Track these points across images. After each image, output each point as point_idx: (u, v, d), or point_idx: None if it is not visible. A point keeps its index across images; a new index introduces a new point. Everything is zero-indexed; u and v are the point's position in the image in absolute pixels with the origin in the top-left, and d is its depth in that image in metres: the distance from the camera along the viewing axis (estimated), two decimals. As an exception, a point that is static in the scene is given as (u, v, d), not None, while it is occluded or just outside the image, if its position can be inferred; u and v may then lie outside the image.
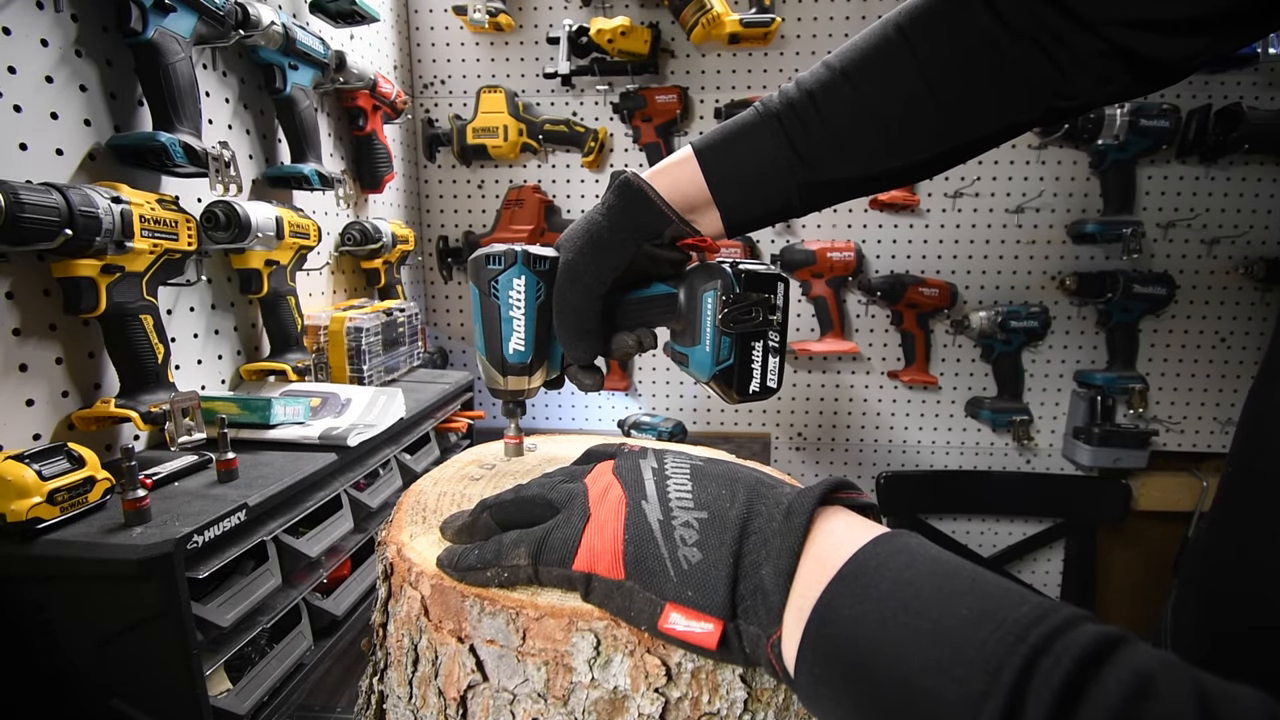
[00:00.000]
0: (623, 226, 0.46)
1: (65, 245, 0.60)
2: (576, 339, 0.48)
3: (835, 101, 0.45)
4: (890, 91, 0.44)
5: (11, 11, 0.63)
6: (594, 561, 0.34)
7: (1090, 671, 0.22)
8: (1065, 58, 0.41)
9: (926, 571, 0.27)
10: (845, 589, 0.28)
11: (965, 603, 0.26)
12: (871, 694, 0.26)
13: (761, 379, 0.49)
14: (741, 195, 0.47)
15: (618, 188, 0.46)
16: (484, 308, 0.48)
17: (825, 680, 0.28)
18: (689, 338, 0.48)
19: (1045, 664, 0.22)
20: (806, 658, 0.28)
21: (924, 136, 0.45)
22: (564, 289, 0.47)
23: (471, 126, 1.51)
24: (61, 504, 0.55)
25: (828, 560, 0.29)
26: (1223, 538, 0.43)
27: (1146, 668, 0.22)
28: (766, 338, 0.48)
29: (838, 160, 0.46)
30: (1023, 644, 0.23)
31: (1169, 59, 0.40)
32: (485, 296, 0.48)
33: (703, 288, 0.47)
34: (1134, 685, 0.21)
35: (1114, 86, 0.42)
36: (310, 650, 0.74)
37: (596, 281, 0.46)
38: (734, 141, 0.47)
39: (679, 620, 0.31)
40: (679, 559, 0.32)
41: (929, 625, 0.25)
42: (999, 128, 0.45)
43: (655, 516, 0.34)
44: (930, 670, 0.24)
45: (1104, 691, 0.21)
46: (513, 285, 0.47)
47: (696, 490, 0.35)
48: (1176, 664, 0.22)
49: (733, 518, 0.33)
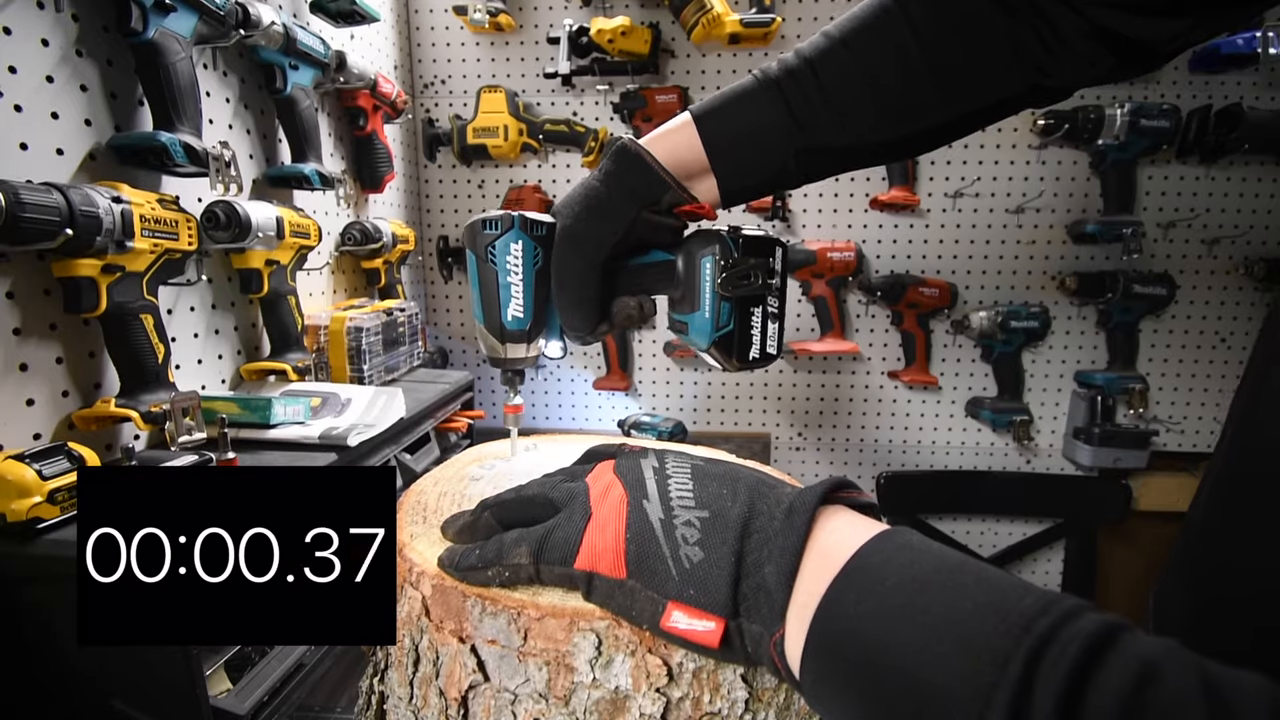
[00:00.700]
0: (621, 192, 0.46)
1: (66, 245, 0.60)
2: (575, 306, 0.47)
3: (833, 68, 0.45)
4: (886, 59, 0.45)
5: (12, 11, 0.63)
6: (596, 560, 0.34)
7: (1096, 659, 0.22)
8: (1051, 36, 0.42)
9: (930, 567, 0.27)
10: (850, 586, 0.28)
11: (970, 597, 0.26)
12: (878, 690, 0.26)
13: (761, 345, 0.48)
14: (738, 162, 0.47)
15: (615, 154, 0.46)
16: (481, 274, 0.47)
17: (830, 677, 0.28)
18: (688, 304, 0.48)
19: (1051, 654, 0.22)
20: (811, 655, 0.28)
21: (918, 107, 0.46)
22: (563, 254, 0.46)
23: (472, 126, 1.51)
24: (62, 504, 0.55)
25: (831, 558, 0.29)
26: (1218, 536, 0.43)
27: (1151, 654, 0.22)
28: (765, 303, 0.48)
29: (834, 128, 0.46)
30: (1028, 635, 0.23)
31: (1151, 40, 0.41)
32: (482, 262, 0.47)
33: (700, 253, 0.46)
34: (1140, 671, 0.21)
35: (1098, 69, 0.43)
36: (310, 650, 0.73)
37: (596, 247, 0.46)
38: (732, 107, 0.47)
39: (681, 619, 0.31)
40: (681, 558, 0.32)
41: (935, 620, 0.25)
42: (989, 103, 0.46)
43: (657, 515, 0.34)
44: (938, 664, 0.24)
45: (1111, 678, 0.21)
46: (509, 250, 0.46)
47: (698, 489, 0.35)
48: (1180, 650, 0.22)
49: (734, 517, 0.33)
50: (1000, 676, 0.22)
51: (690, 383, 1.65)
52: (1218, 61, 1.38)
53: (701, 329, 0.48)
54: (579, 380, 1.67)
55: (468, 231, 0.48)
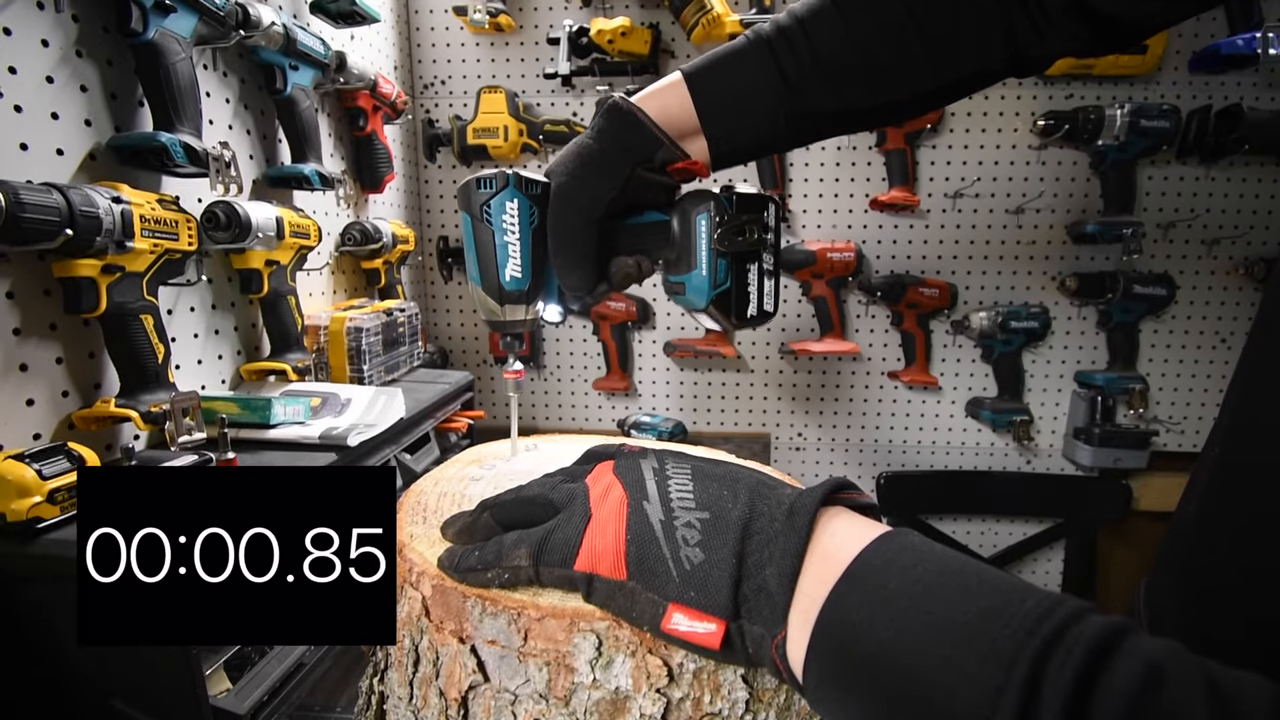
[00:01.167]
0: (615, 148, 0.45)
1: (66, 245, 0.60)
2: (573, 265, 0.47)
3: (825, 29, 0.46)
4: (878, 22, 0.46)
5: (12, 12, 0.63)
6: (596, 562, 0.34)
7: (1101, 662, 0.22)
8: (1038, 10, 0.44)
9: (934, 569, 0.27)
10: (852, 588, 0.28)
11: (974, 599, 0.26)
12: (882, 692, 0.26)
13: (759, 302, 0.49)
14: (729, 122, 0.47)
15: (607, 111, 0.46)
16: (477, 234, 0.47)
17: (834, 680, 0.28)
18: (685, 264, 0.48)
19: (1057, 656, 0.22)
20: (814, 657, 0.28)
21: (907, 74, 0.47)
22: (560, 212, 0.46)
23: (472, 127, 1.51)
24: (62, 503, 0.55)
25: (833, 560, 0.29)
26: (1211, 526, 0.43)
27: (1156, 656, 0.22)
28: (761, 259, 0.48)
29: (824, 91, 0.47)
30: (1034, 638, 0.23)
31: (1129, 19, 0.44)
32: (478, 222, 0.46)
33: (695, 210, 0.47)
34: (1145, 674, 0.22)
35: (1076, 43, 0.45)
36: (310, 650, 0.73)
37: (592, 203, 0.46)
38: (723, 66, 0.47)
39: (682, 621, 0.31)
40: (681, 559, 0.32)
41: (939, 622, 0.25)
42: (973, 71, 0.47)
43: (657, 517, 0.34)
44: (943, 667, 0.24)
45: (1117, 680, 0.22)
46: (505, 209, 0.46)
47: (698, 490, 0.35)
48: (1183, 651, 0.23)
49: (735, 518, 0.33)
50: (1006, 679, 0.23)
51: (690, 383, 1.65)
52: (1218, 62, 1.38)
53: (699, 288, 0.47)
54: (579, 380, 1.67)
55: (462, 192, 0.47)
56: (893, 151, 1.47)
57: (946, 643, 0.25)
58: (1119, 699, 0.21)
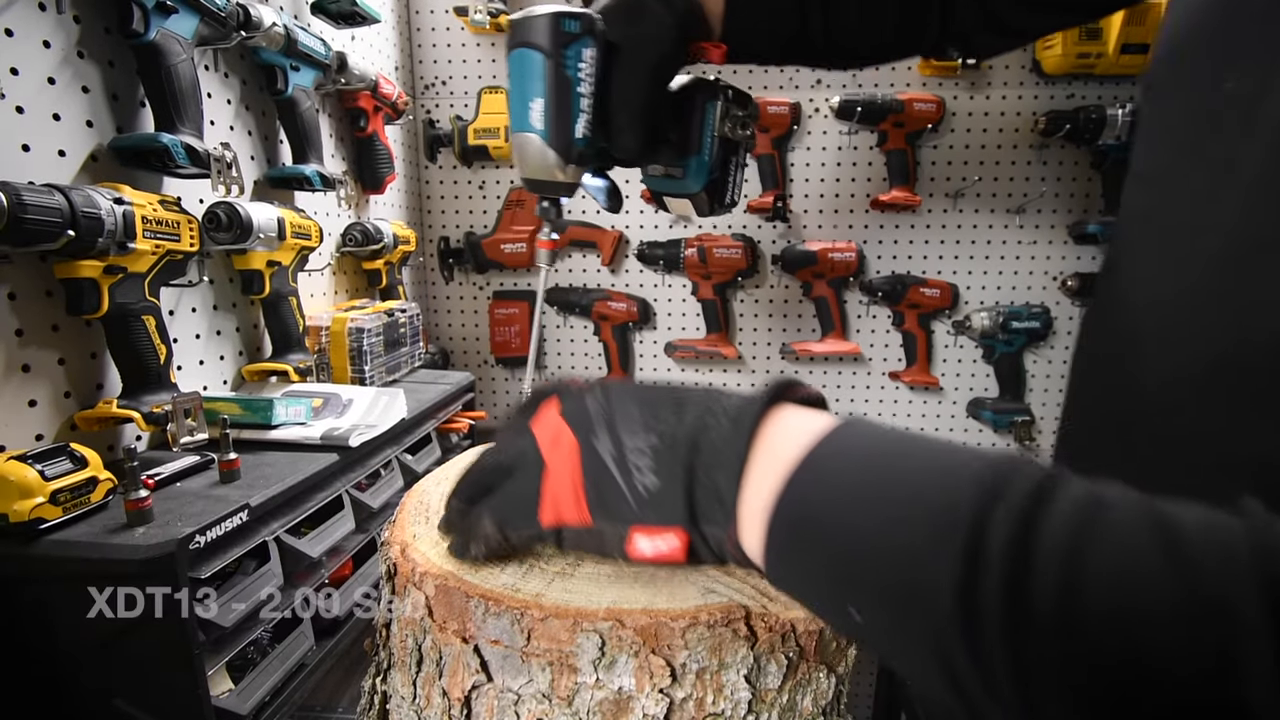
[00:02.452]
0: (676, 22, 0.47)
1: (68, 246, 0.60)
2: (632, 123, 0.47)
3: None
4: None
5: (13, 13, 0.63)
6: (559, 511, 0.34)
7: (1046, 494, 0.24)
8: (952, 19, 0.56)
9: (882, 449, 0.29)
10: (804, 473, 0.29)
11: (921, 468, 0.27)
12: (839, 560, 0.27)
13: (733, 193, 0.53)
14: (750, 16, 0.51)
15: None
16: (554, 79, 0.42)
17: (792, 557, 0.29)
18: (689, 148, 0.50)
19: (1007, 497, 0.24)
20: (771, 544, 0.29)
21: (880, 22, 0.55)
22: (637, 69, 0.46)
23: (473, 127, 1.51)
24: (64, 504, 0.55)
25: (781, 453, 0.30)
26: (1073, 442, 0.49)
27: (1096, 487, 0.24)
28: (739, 153, 0.52)
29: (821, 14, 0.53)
30: (978, 487, 0.24)
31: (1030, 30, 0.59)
32: (556, 66, 0.42)
33: (704, 97, 0.49)
34: (1089, 499, 0.23)
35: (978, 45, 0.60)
36: (312, 650, 0.73)
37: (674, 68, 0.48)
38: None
39: (644, 542, 0.32)
40: (637, 487, 0.32)
41: (890, 492, 0.27)
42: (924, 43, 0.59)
43: (608, 451, 0.34)
44: (894, 526, 0.26)
45: (1062, 506, 0.23)
46: (583, 57, 0.42)
47: (645, 416, 0.35)
48: (1122, 485, 0.24)
49: (683, 437, 0.33)
50: (954, 523, 0.24)
51: (690, 383, 1.65)
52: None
53: (699, 172, 0.50)
54: (580, 381, 1.67)
55: (531, 25, 0.43)
56: (893, 151, 1.47)
57: (896, 505, 0.26)
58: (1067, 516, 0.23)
